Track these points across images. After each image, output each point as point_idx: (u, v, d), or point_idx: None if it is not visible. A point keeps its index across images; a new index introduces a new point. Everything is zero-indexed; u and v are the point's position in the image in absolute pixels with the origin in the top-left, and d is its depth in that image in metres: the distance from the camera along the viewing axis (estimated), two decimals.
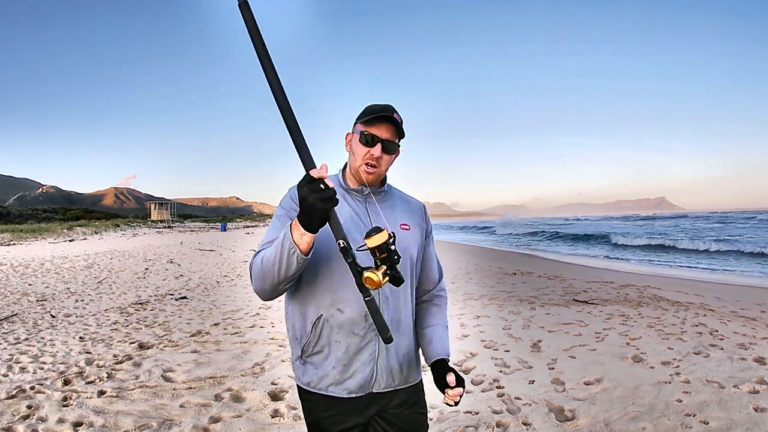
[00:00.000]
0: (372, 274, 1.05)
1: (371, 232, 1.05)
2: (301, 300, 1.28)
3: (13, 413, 2.87)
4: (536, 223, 68.43)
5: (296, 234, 1.08)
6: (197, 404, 3.00)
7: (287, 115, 1.06)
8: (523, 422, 2.75)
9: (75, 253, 15.23)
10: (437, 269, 1.46)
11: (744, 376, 3.43)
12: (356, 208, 1.30)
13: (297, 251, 1.08)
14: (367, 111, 1.28)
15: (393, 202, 1.38)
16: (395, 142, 1.28)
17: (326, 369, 1.24)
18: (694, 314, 5.61)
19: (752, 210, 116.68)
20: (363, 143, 1.26)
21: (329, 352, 1.24)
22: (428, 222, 1.45)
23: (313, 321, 1.24)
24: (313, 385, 1.26)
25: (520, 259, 16.07)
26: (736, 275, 11.39)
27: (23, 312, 6.08)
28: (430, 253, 1.44)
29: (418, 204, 1.45)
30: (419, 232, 1.38)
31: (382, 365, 1.26)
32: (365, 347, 1.24)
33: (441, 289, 1.46)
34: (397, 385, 1.30)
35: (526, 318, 5.46)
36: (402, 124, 1.29)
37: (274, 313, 5.81)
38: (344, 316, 1.22)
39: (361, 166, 1.27)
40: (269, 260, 1.14)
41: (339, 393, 1.24)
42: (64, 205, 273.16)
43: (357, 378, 1.24)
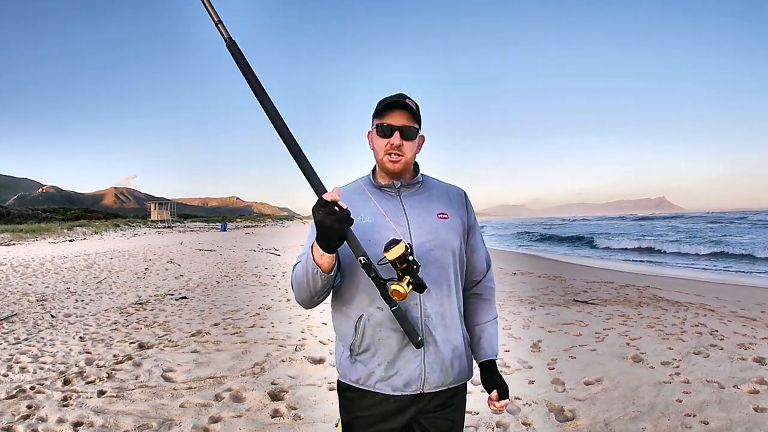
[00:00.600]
0: (398, 286, 1.07)
1: (389, 245, 1.06)
2: (342, 302, 1.30)
3: (13, 413, 2.86)
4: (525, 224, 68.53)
5: (317, 255, 1.12)
6: (197, 404, 3.00)
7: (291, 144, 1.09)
8: (523, 422, 2.75)
9: (75, 253, 15.23)
10: (484, 258, 1.41)
11: (744, 376, 3.43)
12: (390, 204, 1.28)
13: (319, 271, 1.13)
14: (379, 103, 1.27)
15: (429, 193, 1.34)
16: (413, 127, 1.26)
17: (373, 366, 1.25)
18: (694, 314, 5.61)
19: (751, 210, 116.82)
20: (381, 135, 1.25)
21: (375, 350, 1.25)
22: (470, 209, 1.40)
23: (355, 321, 1.26)
24: (361, 382, 1.27)
25: (520, 259, 16.08)
26: (737, 275, 11.40)
27: (23, 312, 6.07)
28: (475, 241, 1.39)
29: (457, 191, 1.40)
30: (459, 221, 1.33)
31: (431, 360, 1.24)
32: (409, 344, 1.22)
33: (489, 280, 1.42)
34: (451, 383, 1.28)
35: (526, 318, 5.46)
36: (418, 110, 1.27)
37: (274, 313, 5.81)
38: (384, 314, 1.22)
39: (384, 158, 1.26)
40: (299, 277, 1.20)
41: (385, 390, 1.24)
42: (64, 205, 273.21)
43: (403, 375, 1.23)
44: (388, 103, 1.24)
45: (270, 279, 9.12)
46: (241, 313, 5.80)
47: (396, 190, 1.31)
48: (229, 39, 1.08)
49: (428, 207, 1.31)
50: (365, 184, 1.34)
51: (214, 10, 1.07)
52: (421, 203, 1.31)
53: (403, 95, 1.26)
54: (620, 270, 12.40)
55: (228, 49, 1.08)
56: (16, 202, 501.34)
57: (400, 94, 1.26)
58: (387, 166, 1.27)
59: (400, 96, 1.26)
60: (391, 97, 1.26)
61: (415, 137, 1.28)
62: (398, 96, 1.26)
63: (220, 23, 1.07)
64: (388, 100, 1.25)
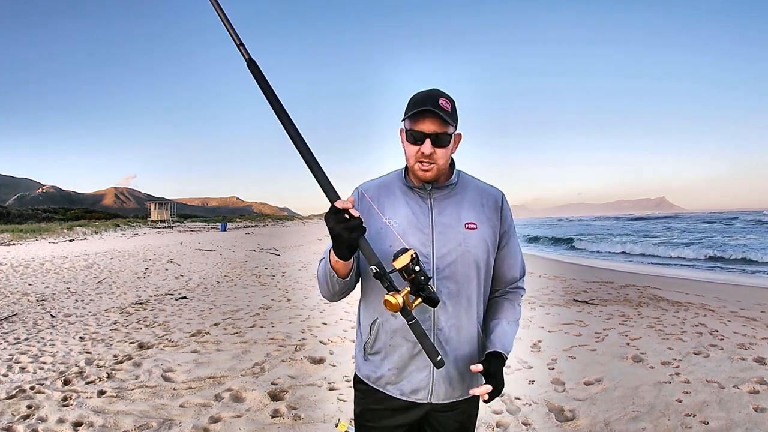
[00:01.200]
0: (390, 297, 1.03)
1: (397, 254, 1.05)
2: (363, 301, 1.32)
3: (13, 413, 2.86)
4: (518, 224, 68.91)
5: (333, 260, 1.14)
6: (197, 404, 3.00)
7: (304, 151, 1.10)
8: (523, 422, 2.75)
9: (75, 253, 15.22)
10: (518, 266, 1.33)
11: (744, 376, 3.43)
12: (418, 207, 1.23)
13: (336, 276, 1.16)
14: (410, 103, 1.18)
15: (462, 197, 1.26)
16: (446, 133, 1.16)
17: (383, 370, 1.25)
18: (694, 314, 5.61)
19: (750, 210, 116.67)
20: (411, 142, 1.19)
21: (386, 354, 1.25)
22: (506, 215, 1.30)
23: (370, 323, 1.26)
24: (371, 380, 1.28)
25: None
26: (737, 275, 11.40)
27: (23, 312, 6.07)
28: (509, 249, 1.31)
29: (493, 194, 1.30)
30: (490, 230, 1.25)
31: (439, 373, 1.22)
32: (419, 353, 1.20)
33: (518, 287, 1.35)
34: (459, 396, 1.25)
35: (526, 318, 5.46)
36: (452, 108, 1.17)
37: (274, 313, 5.81)
38: (397, 322, 1.20)
39: (415, 165, 1.20)
40: (321, 278, 1.23)
41: (393, 392, 1.25)
42: (64, 205, 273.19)
43: (412, 381, 1.23)
44: (419, 108, 1.14)
45: (270, 279, 9.11)
46: (241, 313, 5.80)
47: (427, 192, 1.25)
48: (249, 59, 1.11)
49: (457, 214, 1.23)
50: (398, 180, 1.29)
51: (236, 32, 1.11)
52: (450, 210, 1.24)
53: (435, 94, 1.15)
54: (620, 270, 12.40)
55: (249, 68, 1.11)
56: (16, 202, 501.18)
57: (433, 92, 1.16)
58: (419, 174, 1.21)
59: (432, 95, 1.15)
60: (422, 96, 1.16)
61: (449, 143, 1.18)
62: (430, 94, 1.15)
63: (242, 45, 1.10)
64: (420, 101, 1.15)
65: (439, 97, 1.14)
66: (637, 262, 15.65)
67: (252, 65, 1.11)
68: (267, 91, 1.10)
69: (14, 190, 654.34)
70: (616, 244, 21.40)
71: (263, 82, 1.11)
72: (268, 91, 1.11)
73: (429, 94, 1.15)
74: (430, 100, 1.14)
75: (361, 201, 1.28)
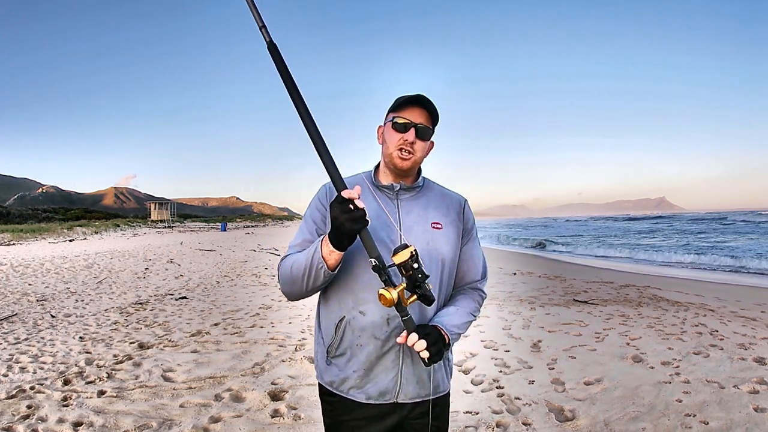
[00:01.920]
0: (385, 291, 1.04)
1: (398, 249, 1.04)
2: (327, 300, 1.27)
3: (13, 413, 2.86)
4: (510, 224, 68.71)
5: (326, 250, 1.11)
6: (197, 404, 3.00)
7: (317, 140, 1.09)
8: (523, 422, 2.75)
9: (75, 253, 15.22)
10: (479, 268, 1.36)
11: (744, 376, 3.43)
12: (386, 206, 1.25)
13: (324, 266, 1.12)
14: (398, 100, 1.25)
15: (428, 199, 1.31)
16: (429, 128, 1.25)
17: (348, 372, 1.22)
18: (694, 314, 5.61)
19: (749, 210, 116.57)
20: (396, 129, 1.23)
21: (351, 355, 1.21)
22: (468, 218, 1.36)
23: (336, 322, 1.23)
24: (335, 386, 1.24)
25: (520, 259, 16.07)
26: (737, 275, 11.40)
27: (23, 312, 6.07)
28: (471, 251, 1.35)
29: (457, 199, 1.36)
30: (454, 231, 1.30)
31: (408, 372, 1.21)
32: (387, 352, 1.20)
33: (477, 287, 1.37)
34: (426, 395, 1.24)
35: (526, 318, 5.46)
36: (436, 113, 1.25)
37: (274, 313, 5.81)
38: (366, 319, 1.19)
39: (395, 152, 1.23)
40: (299, 269, 1.17)
41: (358, 398, 1.21)
42: (64, 205, 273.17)
43: (378, 384, 1.20)
44: (409, 98, 1.22)
45: (270, 279, 9.11)
46: (241, 313, 5.80)
47: (394, 192, 1.28)
48: (270, 42, 1.10)
49: (424, 214, 1.27)
50: (366, 179, 1.32)
51: (259, 14, 1.10)
52: (417, 209, 1.28)
53: (424, 96, 1.23)
54: (620, 270, 12.40)
55: (269, 51, 1.10)
56: (16, 202, 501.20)
57: (422, 95, 1.24)
58: (396, 161, 1.24)
59: (421, 95, 1.23)
60: (412, 94, 1.24)
61: (429, 138, 1.26)
62: (420, 95, 1.23)
63: (264, 27, 1.10)
64: (410, 96, 1.23)
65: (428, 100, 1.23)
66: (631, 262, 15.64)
67: (272, 48, 1.10)
68: (285, 76, 1.10)
69: (14, 190, 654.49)
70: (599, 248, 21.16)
71: (282, 66, 1.10)
72: (286, 76, 1.10)
73: (418, 95, 1.23)
74: (421, 97, 1.22)
75: (330, 196, 1.28)
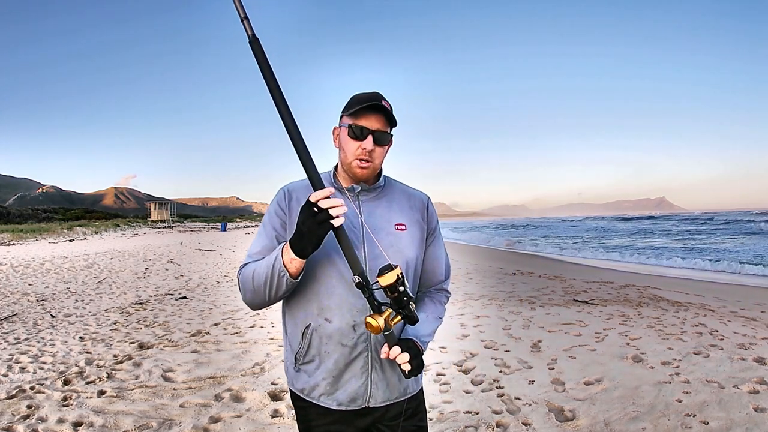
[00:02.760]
0: (371, 319, 1.02)
1: (384, 269, 1.01)
2: (291, 306, 1.24)
3: (13, 413, 2.86)
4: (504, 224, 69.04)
5: (287, 257, 1.06)
6: (197, 404, 3.00)
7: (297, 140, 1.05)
8: (523, 422, 2.75)
9: (75, 253, 15.23)
10: (443, 269, 1.35)
11: (744, 376, 3.43)
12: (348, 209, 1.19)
13: (287, 275, 1.07)
14: (353, 101, 1.19)
15: (391, 199, 1.28)
16: (387, 132, 1.19)
17: (317, 379, 1.20)
18: (694, 314, 5.61)
19: (748, 210, 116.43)
20: (352, 137, 1.17)
21: (320, 362, 1.19)
22: (432, 217, 1.32)
23: (302, 329, 1.20)
24: (305, 392, 1.22)
25: (520, 259, 16.07)
26: (737, 275, 11.40)
27: (23, 312, 6.07)
28: (434, 251, 1.32)
29: (420, 197, 1.33)
30: (418, 231, 1.27)
31: (377, 377, 1.19)
32: (356, 359, 1.18)
33: (442, 288, 1.36)
34: (397, 398, 1.23)
35: (526, 318, 5.46)
36: (392, 110, 1.19)
37: (274, 313, 5.81)
38: (332, 326, 1.16)
39: (353, 162, 1.19)
40: (259, 278, 1.12)
41: (329, 404, 1.19)
42: (64, 205, 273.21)
43: (348, 390, 1.18)
44: (365, 104, 1.15)
45: None
46: (241, 313, 5.80)
47: (355, 194, 1.24)
48: (252, 36, 1.04)
49: (387, 216, 1.24)
50: (326, 182, 1.25)
51: (242, 5, 1.05)
52: (379, 211, 1.24)
53: (379, 95, 1.18)
54: (620, 270, 12.40)
55: (250, 46, 1.05)
56: (16, 202, 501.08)
57: (376, 94, 1.18)
58: (355, 171, 1.20)
59: (376, 95, 1.17)
60: (366, 96, 1.18)
61: (388, 143, 1.21)
62: (374, 95, 1.18)
63: (246, 19, 1.04)
64: (364, 99, 1.17)
65: (382, 99, 1.18)
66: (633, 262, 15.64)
67: (255, 44, 1.04)
68: (267, 73, 1.05)
69: (14, 190, 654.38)
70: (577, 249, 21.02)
71: (264, 62, 1.05)
72: (268, 72, 1.05)
73: (374, 94, 1.18)
74: (376, 98, 1.16)
75: (288, 201, 1.24)
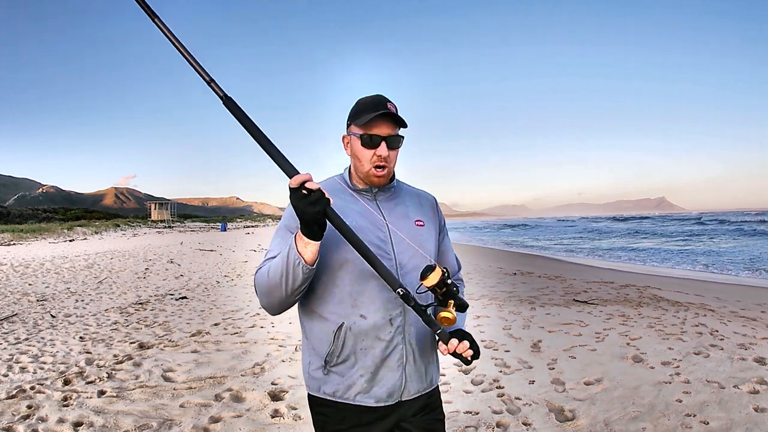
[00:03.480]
0: (447, 313, 1.08)
1: (426, 271, 1.06)
2: (317, 309, 1.23)
3: (13, 413, 2.87)
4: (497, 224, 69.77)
5: (300, 244, 1.08)
6: (197, 404, 3.00)
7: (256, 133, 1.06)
8: (523, 422, 2.75)
9: (75, 253, 15.23)
10: (455, 261, 1.43)
11: (744, 376, 3.43)
12: (368, 208, 1.25)
13: (302, 261, 1.07)
14: (360, 109, 1.21)
15: (404, 198, 1.33)
16: (398, 135, 1.22)
17: (353, 378, 1.19)
18: (694, 314, 5.61)
19: (748, 210, 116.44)
20: (366, 146, 1.20)
21: (356, 360, 1.19)
22: (440, 215, 1.41)
23: (334, 330, 1.19)
24: (339, 395, 1.20)
25: (520, 259, 16.07)
26: (737, 275, 11.40)
27: (23, 312, 6.08)
28: (446, 245, 1.40)
29: (428, 197, 1.40)
30: (433, 227, 1.34)
31: (411, 369, 1.22)
32: (392, 352, 1.20)
33: (458, 280, 1.41)
34: (425, 389, 1.27)
35: (526, 318, 5.46)
36: (397, 111, 1.22)
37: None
38: (368, 323, 1.18)
39: (370, 170, 1.22)
40: (275, 273, 1.12)
41: (367, 402, 1.19)
42: (64, 205, 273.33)
43: (386, 385, 1.20)
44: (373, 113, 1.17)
45: None
46: (241, 313, 5.80)
47: (373, 194, 1.28)
48: (224, 96, 1.05)
49: (406, 213, 1.29)
50: (342, 183, 1.30)
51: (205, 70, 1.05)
52: (398, 209, 1.29)
53: (384, 99, 1.20)
54: (620, 270, 12.40)
55: (225, 105, 1.05)
56: (16, 202, 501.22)
57: (381, 97, 1.21)
58: (373, 179, 1.23)
59: (381, 100, 1.20)
60: (371, 102, 1.20)
61: (400, 145, 1.24)
62: (380, 100, 1.20)
63: (212, 81, 1.05)
64: (370, 107, 1.19)
65: (387, 102, 1.20)
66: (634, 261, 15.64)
67: (228, 102, 1.05)
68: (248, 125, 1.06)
69: (14, 190, 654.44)
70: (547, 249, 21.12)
71: (243, 116, 1.06)
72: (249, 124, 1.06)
73: (379, 100, 1.20)
74: (381, 105, 1.18)
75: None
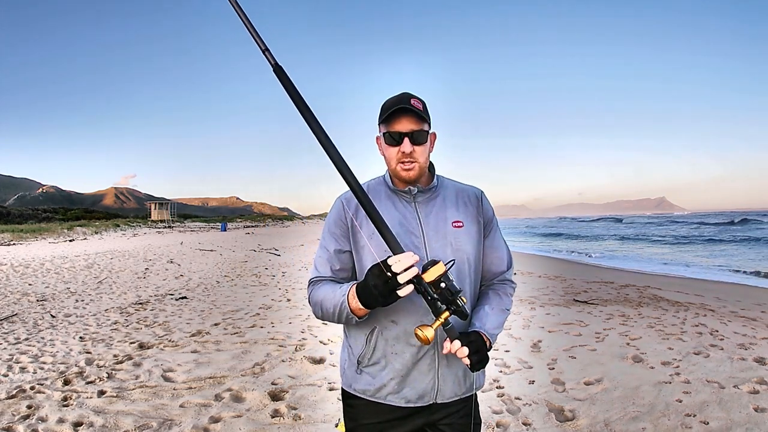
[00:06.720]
0: (419, 330, 1.03)
1: (427, 265, 1.04)
2: None
3: (13, 413, 2.86)
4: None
5: (353, 304, 1.10)
6: (197, 404, 3.00)
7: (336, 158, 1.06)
8: (523, 422, 2.75)
9: (75, 253, 15.22)
10: (504, 259, 1.35)
11: (744, 376, 3.43)
12: (405, 211, 1.24)
13: (354, 318, 1.13)
14: (384, 108, 1.21)
15: (445, 197, 1.29)
16: (423, 130, 1.20)
17: (384, 380, 1.21)
18: (694, 314, 5.61)
19: (752, 210, 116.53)
20: (390, 144, 1.21)
21: (386, 363, 1.20)
22: (487, 210, 1.33)
23: (366, 333, 1.21)
24: (369, 394, 1.23)
25: (520, 258, 16.08)
26: (737, 276, 11.40)
27: (23, 312, 6.07)
28: (493, 242, 1.33)
29: (473, 192, 1.34)
30: (475, 226, 1.28)
31: (445, 372, 1.21)
32: (423, 357, 1.19)
33: (505, 279, 1.35)
34: (464, 393, 1.25)
35: (526, 318, 5.46)
36: (424, 107, 1.20)
37: (274, 313, 5.81)
38: (399, 327, 1.18)
39: (397, 167, 1.21)
40: (328, 311, 1.18)
41: (397, 402, 1.20)
42: (64, 205, 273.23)
43: (416, 388, 1.20)
44: (393, 108, 1.17)
45: (270, 279, 9.11)
46: (241, 313, 5.80)
47: (411, 196, 1.26)
48: (276, 65, 1.08)
49: (443, 215, 1.26)
50: (382, 185, 1.29)
51: (261, 38, 1.09)
52: (436, 211, 1.26)
53: (407, 96, 1.19)
54: (620, 270, 12.40)
55: (275, 74, 1.08)
56: (16, 202, 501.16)
57: (404, 95, 1.20)
58: (401, 175, 1.21)
59: (403, 97, 1.19)
60: (394, 99, 1.20)
61: (426, 140, 1.22)
62: (402, 97, 1.19)
63: (267, 50, 1.09)
64: (392, 104, 1.18)
65: (410, 98, 1.19)
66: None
67: (279, 71, 1.08)
68: (295, 97, 1.07)
69: (14, 190, 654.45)
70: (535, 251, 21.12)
71: (291, 87, 1.08)
72: (296, 96, 1.07)
73: (400, 97, 1.20)
74: (403, 101, 1.18)
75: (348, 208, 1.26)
